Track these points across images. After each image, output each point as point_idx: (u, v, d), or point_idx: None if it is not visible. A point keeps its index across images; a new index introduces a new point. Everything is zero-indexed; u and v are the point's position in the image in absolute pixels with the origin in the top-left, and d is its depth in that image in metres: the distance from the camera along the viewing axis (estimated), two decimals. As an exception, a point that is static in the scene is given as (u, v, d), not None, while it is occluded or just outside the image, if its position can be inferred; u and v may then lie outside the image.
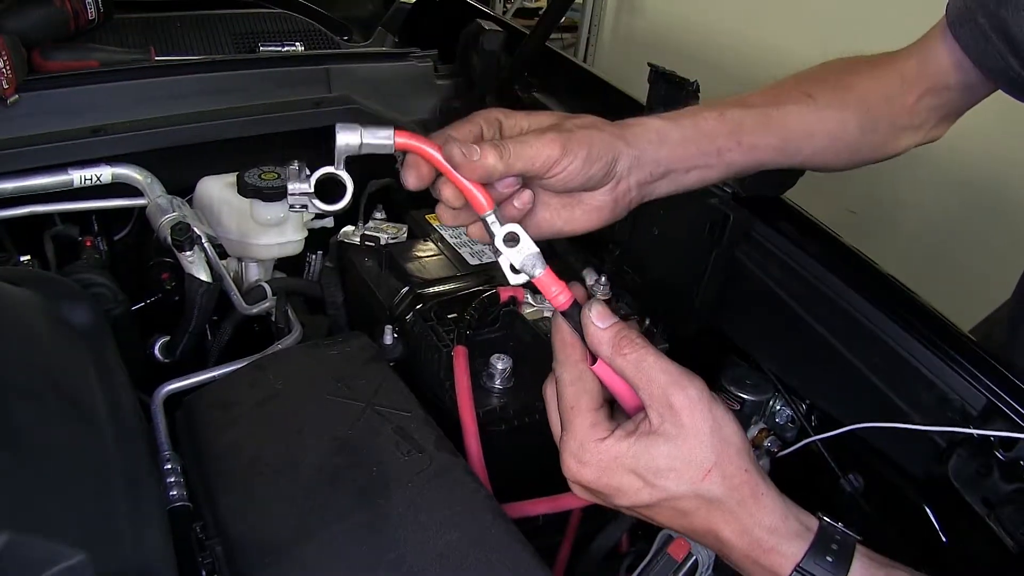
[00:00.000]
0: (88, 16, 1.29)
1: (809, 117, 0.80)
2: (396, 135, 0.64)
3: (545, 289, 0.63)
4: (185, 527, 0.75)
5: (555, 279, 0.63)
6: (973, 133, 2.44)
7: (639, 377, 0.60)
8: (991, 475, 0.75)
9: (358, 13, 1.76)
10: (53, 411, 0.67)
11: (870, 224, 2.60)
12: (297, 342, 1.09)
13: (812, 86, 0.82)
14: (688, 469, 0.58)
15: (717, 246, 0.98)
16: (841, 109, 0.82)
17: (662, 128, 0.72)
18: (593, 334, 0.62)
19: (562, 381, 0.63)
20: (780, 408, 0.99)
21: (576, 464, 0.60)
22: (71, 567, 0.54)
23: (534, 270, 0.62)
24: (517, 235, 0.62)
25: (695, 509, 0.59)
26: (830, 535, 0.58)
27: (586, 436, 0.60)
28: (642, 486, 0.59)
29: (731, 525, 0.58)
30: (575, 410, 0.61)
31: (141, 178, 1.14)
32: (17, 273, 0.97)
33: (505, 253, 0.62)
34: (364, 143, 0.64)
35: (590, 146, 0.66)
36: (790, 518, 0.59)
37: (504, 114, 0.70)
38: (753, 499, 0.59)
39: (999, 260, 2.12)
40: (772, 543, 0.58)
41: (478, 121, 0.69)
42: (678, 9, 3.45)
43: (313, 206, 0.66)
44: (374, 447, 0.79)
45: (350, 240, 1.26)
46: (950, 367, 0.80)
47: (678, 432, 0.58)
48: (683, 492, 0.58)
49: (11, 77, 1.07)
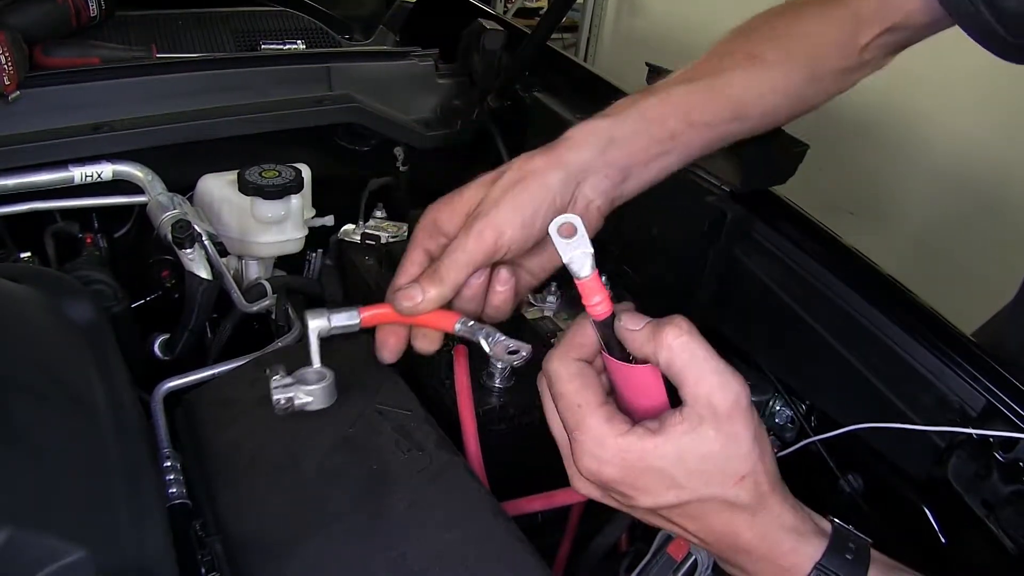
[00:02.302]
0: (90, 13, 1.29)
1: (756, 79, 0.78)
2: (361, 312, 0.71)
3: (587, 294, 0.57)
4: (185, 525, 0.75)
5: (600, 286, 0.57)
6: (973, 133, 2.45)
7: (687, 373, 0.55)
8: (991, 476, 0.75)
9: (359, 12, 1.76)
10: (53, 408, 0.67)
11: (869, 224, 2.60)
12: (297, 340, 1.09)
13: (757, 44, 0.79)
14: (722, 474, 0.54)
15: (715, 245, 0.98)
16: (788, 64, 0.79)
17: (606, 129, 0.70)
18: (631, 339, 0.57)
19: (559, 377, 0.58)
20: (780, 408, 0.99)
21: (596, 463, 0.56)
22: (71, 564, 0.54)
23: (581, 270, 0.56)
24: (575, 227, 0.57)
25: (717, 513, 0.56)
26: (844, 537, 0.57)
27: (605, 432, 0.55)
28: (669, 486, 0.55)
29: (752, 528, 0.56)
30: (584, 407, 0.57)
31: (142, 175, 1.14)
32: (17, 269, 0.97)
33: (558, 244, 0.56)
34: (333, 326, 0.71)
35: (520, 210, 0.65)
36: (807, 520, 0.58)
37: (438, 212, 0.70)
38: (776, 502, 0.56)
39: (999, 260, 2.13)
40: (792, 543, 0.56)
41: (419, 246, 0.70)
42: (678, 9, 3.46)
43: (299, 397, 0.72)
44: (374, 446, 0.79)
45: (350, 239, 1.26)
46: (949, 368, 0.80)
47: (717, 435, 0.54)
48: (711, 495, 0.55)
49: (12, 73, 1.07)
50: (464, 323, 0.70)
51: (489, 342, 0.70)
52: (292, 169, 1.13)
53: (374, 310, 0.71)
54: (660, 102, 0.73)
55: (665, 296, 1.07)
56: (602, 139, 0.70)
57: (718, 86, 0.76)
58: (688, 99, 0.74)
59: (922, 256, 2.49)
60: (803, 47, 0.80)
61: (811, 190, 1.07)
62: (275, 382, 0.71)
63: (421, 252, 0.70)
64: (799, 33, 0.80)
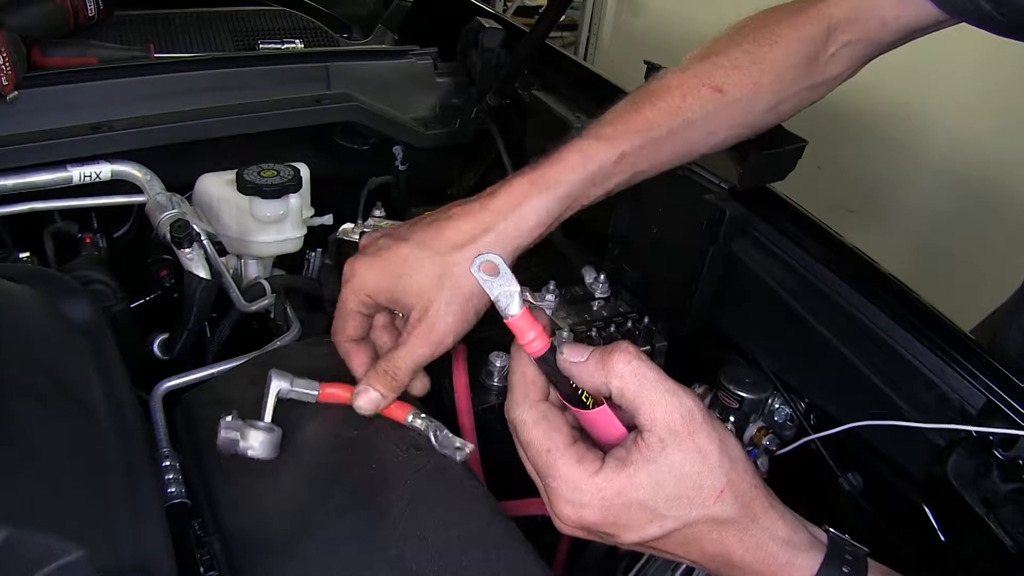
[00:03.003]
0: (88, 13, 1.29)
1: (714, 118, 0.79)
2: (322, 388, 0.78)
3: (520, 332, 0.57)
4: (183, 524, 0.75)
5: (533, 322, 0.56)
6: (973, 130, 2.45)
7: (641, 399, 0.54)
8: (990, 474, 0.75)
9: (358, 11, 1.76)
10: (52, 407, 0.67)
11: (869, 222, 2.60)
12: (296, 339, 1.09)
13: (720, 75, 0.79)
14: (699, 494, 0.54)
15: (714, 243, 0.98)
16: (752, 97, 0.80)
17: (542, 209, 0.73)
18: (578, 372, 0.57)
19: (524, 424, 0.58)
20: (779, 407, 0.99)
21: (574, 509, 0.55)
22: (69, 563, 0.54)
23: (508, 309, 0.56)
24: (496, 266, 0.56)
25: (706, 534, 0.55)
26: (840, 547, 0.56)
27: (577, 476, 0.55)
28: (652, 518, 0.54)
29: (744, 543, 0.55)
30: (552, 452, 0.56)
31: (141, 175, 1.14)
32: (16, 269, 0.97)
33: (482, 283, 0.56)
34: (292, 389, 0.78)
35: (458, 291, 0.70)
36: (801, 530, 0.56)
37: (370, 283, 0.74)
38: (765, 513, 0.55)
39: (998, 259, 2.13)
40: (787, 556, 0.55)
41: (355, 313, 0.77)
42: (678, 7, 3.45)
43: (243, 441, 0.75)
44: (372, 445, 0.79)
45: (349, 238, 1.26)
46: (949, 366, 0.80)
47: (684, 456, 0.53)
48: (695, 518, 0.54)
49: (10, 74, 1.07)
50: (415, 415, 0.78)
51: (438, 436, 0.77)
52: (291, 168, 1.13)
53: (334, 390, 0.79)
54: (618, 160, 0.75)
55: (665, 294, 1.07)
56: (548, 218, 0.74)
57: (678, 131, 0.78)
58: (642, 150, 0.76)
59: (922, 254, 2.49)
60: (769, 73, 0.81)
61: (810, 188, 1.07)
62: (225, 422, 0.74)
63: (359, 318, 0.77)
64: (768, 56, 0.81)
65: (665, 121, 0.77)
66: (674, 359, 1.07)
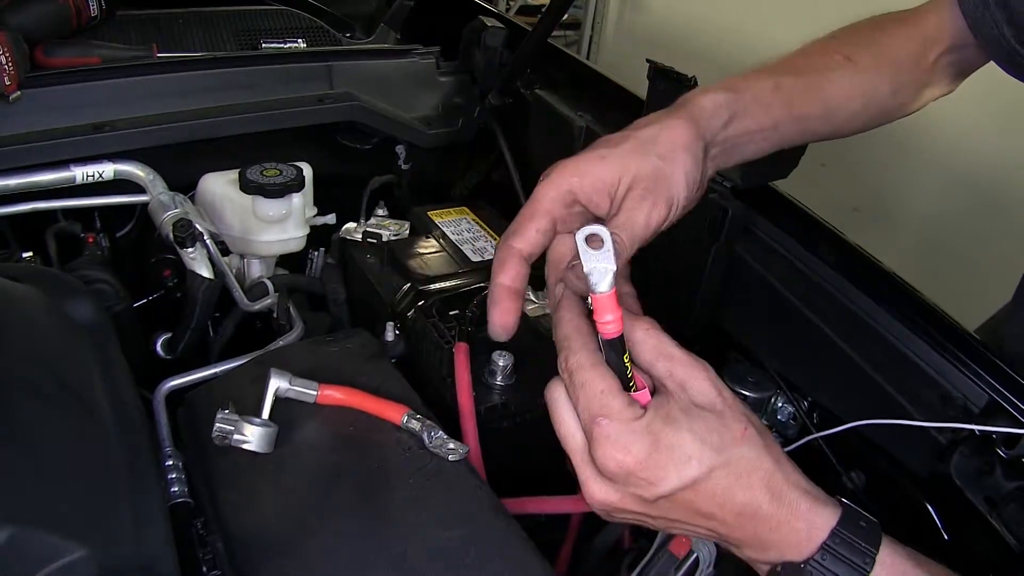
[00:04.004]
0: (90, 13, 1.29)
1: (848, 82, 0.80)
2: (320, 388, 0.80)
3: (600, 310, 0.56)
4: (186, 523, 0.75)
5: (615, 305, 0.56)
6: (977, 129, 2.43)
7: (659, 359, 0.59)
8: (993, 473, 0.75)
9: (360, 10, 1.76)
10: (55, 407, 0.67)
11: (873, 221, 2.59)
12: (299, 339, 1.09)
13: (850, 48, 0.81)
14: (727, 431, 0.56)
15: (716, 242, 0.98)
16: (877, 72, 0.82)
17: (729, 104, 0.70)
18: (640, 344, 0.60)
19: (582, 367, 0.58)
20: (782, 405, 0.99)
21: (621, 449, 0.55)
22: (72, 562, 0.54)
23: (599, 284, 0.55)
24: (602, 240, 0.55)
25: (737, 479, 0.56)
26: (855, 512, 0.58)
27: (629, 415, 0.56)
28: (691, 455, 0.55)
29: (770, 489, 0.56)
30: (606, 393, 0.56)
31: (143, 175, 1.14)
32: (20, 269, 0.98)
33: (583, 253, 0.55)
34: (290, 388, 0.79)
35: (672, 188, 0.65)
36: (817, 488, 0.58)
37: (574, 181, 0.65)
38: (785, 458, 0.58)
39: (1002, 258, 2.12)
40: (808, 504, 0.56)
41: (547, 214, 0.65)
42: (681, 6, 3.44)
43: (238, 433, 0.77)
44: (375, 444, 0.79)
45: (352, 237, 1.26)
46: (952, 365, 0.80)
47: (706, 400, 0.57)
48: (726, 459, 0.55)
49: (13, 74, 1.07)
50: (411, 415, 0.79)
51: (432, 438, 0.77)
52: (293, 168, 1.13)
53: (333, 392, 0.80)
54: (773, 88, 0.74)
55: (668, 293, 1.07)
56: (726, 113, 0.70)
57: (819, 83, 0.78)
58: (793, 91, 0.75)
59: (925, 252, 2.48)
60: (888, 57, 0.83)
61: (814, 187, 1.06)
62: (221, 415, 0.76)
63: (548, 220, 0.65)
64: (885, 44, 0.83)
65: (806, 70, 0.78)
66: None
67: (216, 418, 0.76)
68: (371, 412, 0.81)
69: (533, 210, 0.65)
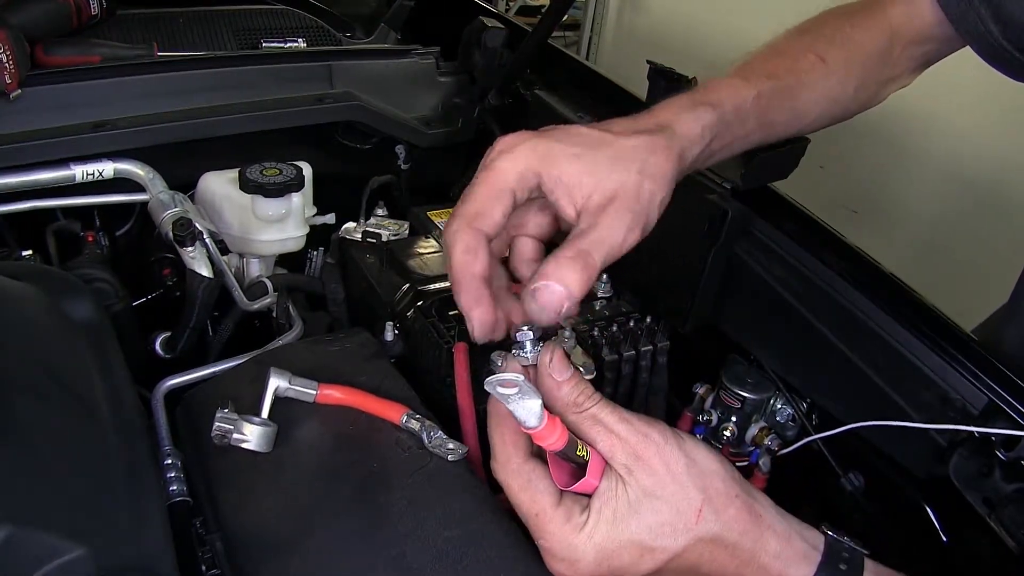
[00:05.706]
0: (91, 11, 1.29)
1: (820, 85, 0.80)
2: (320, 389, 0.80)
3: (540, 439, 0.55)
4: (185, 522, 0.75)
5: (553, 428, 0.55)
6: (976, 130, 2.44)
7: (600, 437, 0.56)
8: (992, 475, 0.75)
9: (360, 10, 1.76)
10: (54, 405, 0.67)
11: (872, 222, 2.60)
12: (298, 338, 1.09)
13: (823, 46, 0.81)
14: (680, 518, 0.55)
15: (716, 243, 0.98)
16: (846, 72, 0.81)
17: (711, 127, 0.68)
18: (550, 389, 0.57)
19: (510, 489, 0.58)
20: (781, 407, 0.99)
21: (569, 566, 0.56)
22: (71, 561, 0.54)
23: (527, 422, 0.54)
24: (516, 383, 0.54)
25: (699, 556, 0.55)
26: (837, 552, 0.56)
27: (567, 532, 0.56)
28: (642, 553, 0.55)
29: (737, 558, 0.55)
30: (540, 516, 0.57)
31: (143, 173, 1.14)
32: (19, 268, 0.97)
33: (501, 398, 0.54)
34: (290, 387, 0.79)
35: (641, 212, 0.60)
36: (794, 538, 0.57)
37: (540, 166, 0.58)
38: (754, 525, 0.56)
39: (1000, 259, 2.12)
40: (778, 568, 0.55)
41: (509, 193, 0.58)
42: (681, 7, 3.45)
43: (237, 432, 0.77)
44: (374, 444, 0.79)
45: (351, 237, 1.26)
46: (951, 366, 0.80)
47: (655, 482, 0.55)
48: (683, 544, 0.55)
49: (14, 72, 1.07)
50: (410, 415, 0.79)
51: (431, 437, 0.78)
52: (293, 167, 1.13)
53: (333, 391, 0.80)
54: (755, 99, 0.73)
55: (667, 294, 1.07)
56: (709, 136, 0.68)
57: (793, 90, 0.78)
58: (771, 100, 0.75)
59: (924, 254, 2.48)
60: (858, 54, 0.82)
61: (813, 188, 1.06)
62: (220, 414, 0.76)
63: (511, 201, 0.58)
64: (856, 39, 0.82)
65: (783, 75, 0.77)
66: (676, 359, 1.06)
67: (215, 417, 0.76)
68: (370, 412, 0.81)
69: (496, 187, 0.57)
